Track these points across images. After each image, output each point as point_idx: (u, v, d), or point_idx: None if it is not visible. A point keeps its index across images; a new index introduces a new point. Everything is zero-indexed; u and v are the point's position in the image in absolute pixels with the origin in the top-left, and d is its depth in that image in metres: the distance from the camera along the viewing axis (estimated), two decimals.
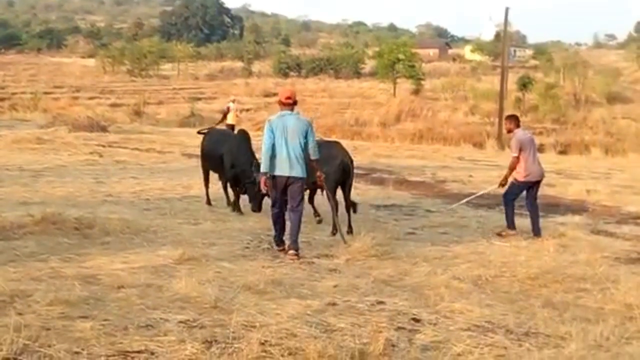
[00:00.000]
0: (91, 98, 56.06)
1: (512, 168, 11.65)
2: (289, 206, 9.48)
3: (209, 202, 13.18)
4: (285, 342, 5.84)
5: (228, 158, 12.43)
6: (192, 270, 8.13)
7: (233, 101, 28.47)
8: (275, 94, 62.30)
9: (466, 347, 5.99)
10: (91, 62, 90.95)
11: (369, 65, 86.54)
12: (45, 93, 56.51)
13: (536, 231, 11.58)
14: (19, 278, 7.40)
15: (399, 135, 38.67)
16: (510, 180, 11.86)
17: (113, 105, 51.84)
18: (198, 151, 14.36)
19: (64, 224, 10.08)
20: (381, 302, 7.33)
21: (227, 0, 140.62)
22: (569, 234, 11.65)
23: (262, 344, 5.68)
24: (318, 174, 9.80)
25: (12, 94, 56.47)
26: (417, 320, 6.79)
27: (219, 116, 29.20)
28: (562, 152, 34.94)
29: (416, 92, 63.57)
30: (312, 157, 9.51)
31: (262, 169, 9.37)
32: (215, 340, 5.81)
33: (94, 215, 10.81)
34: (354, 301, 7.31)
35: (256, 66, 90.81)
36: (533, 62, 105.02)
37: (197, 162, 15.14)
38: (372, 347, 5.77)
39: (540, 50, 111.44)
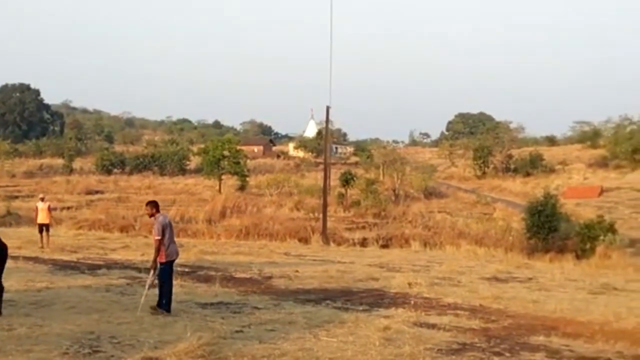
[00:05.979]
0: None
1: (158, 250, 12.57)
2: None
3: None
4: None
5: None
6: None
7: (42, 199, 27.53)
8: (98, 192, 60.89)
9: None
10: None
11: (194, 162, 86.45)
12: None
13: (162, 305, 12.57)
14: None
15: (225, 231, 38.44)
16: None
17: None
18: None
19: None
20: None
21: (46, 97, 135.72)
22: (393, 327, 11.93)
23: None
24: None
25: None
26: None
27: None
28: (384, 246, 35.89)
29: (241, 188, 63.87)
30: None
31: None
32: None
33: None
34: None
35: (78, 163, 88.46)
36: (354, 158, 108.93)
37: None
38: None
39: (361, 147, 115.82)
